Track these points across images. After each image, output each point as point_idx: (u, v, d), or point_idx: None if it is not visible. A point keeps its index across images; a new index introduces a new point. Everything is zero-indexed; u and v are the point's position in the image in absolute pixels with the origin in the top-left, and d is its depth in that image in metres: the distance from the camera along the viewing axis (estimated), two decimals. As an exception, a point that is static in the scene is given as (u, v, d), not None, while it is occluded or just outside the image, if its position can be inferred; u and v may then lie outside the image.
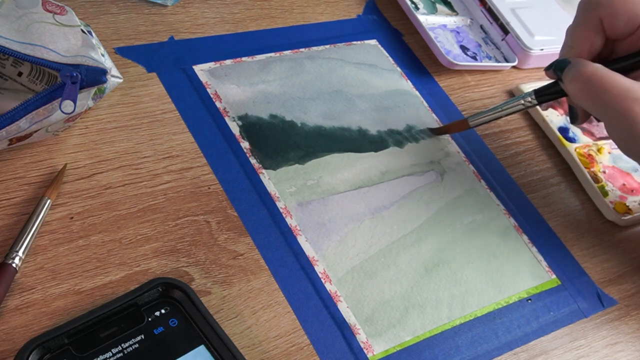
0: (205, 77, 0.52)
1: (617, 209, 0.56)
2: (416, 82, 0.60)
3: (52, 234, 0.41)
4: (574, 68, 0.46)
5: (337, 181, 0.50)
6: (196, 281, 0.42)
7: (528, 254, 0.52)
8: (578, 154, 0.59)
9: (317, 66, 0.57)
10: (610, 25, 0.48)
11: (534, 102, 0.51)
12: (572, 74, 0.46)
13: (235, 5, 0.59)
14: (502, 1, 0.67)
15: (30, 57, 0.40)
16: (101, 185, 0.44)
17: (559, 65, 0.48)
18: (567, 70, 0.47)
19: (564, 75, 0.47)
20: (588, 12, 0.48)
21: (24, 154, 0.44)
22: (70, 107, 0.40)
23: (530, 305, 0.49)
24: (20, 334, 0.37)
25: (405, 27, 0.65)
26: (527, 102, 0.52)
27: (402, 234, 0.49)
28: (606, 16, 0.47)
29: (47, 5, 0.42)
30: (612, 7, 0.47)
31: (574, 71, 0.46)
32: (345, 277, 0.45)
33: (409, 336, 0.44)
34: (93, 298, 0.40)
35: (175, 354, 0.38)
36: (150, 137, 0.48)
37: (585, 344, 0.48)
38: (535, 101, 0.51)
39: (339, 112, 0.55)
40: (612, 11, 0.47)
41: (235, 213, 0.46)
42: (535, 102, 0.51)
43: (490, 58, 0.65)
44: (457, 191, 0.53)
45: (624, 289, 0.53)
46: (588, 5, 0.48)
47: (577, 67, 0.46)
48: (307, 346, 0.42)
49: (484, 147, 0.58)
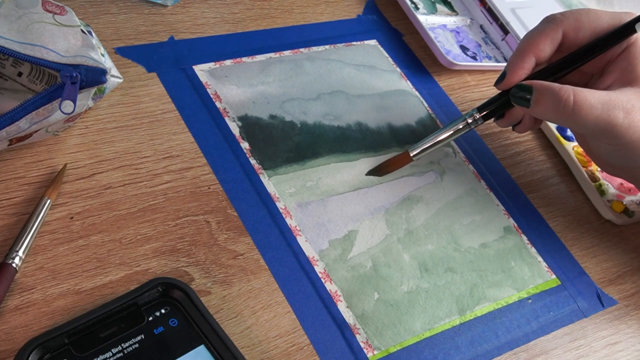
0: (205, 78, 0.53)
1: (614, 208, 0.56)
2: (416, 82, 0.60)
3: (52, 234, 0.41)
4: (545, 93, 0.46)
5: (337, 182, 0.50)
6: (196, 281, 0.42)
7: (528, 254, 0.52)
8: (576, 152, 0.59)
9: (316, 67, 0.57)
10: (574, 37, 0.49)
11: (478, 120, 0.50)
12: (546, 99, 0.46)
13: (235, 5, 0.59)
14: (502, 1, 0.67)
15: (30, 57, 0.40)
16: (101, 185, 0.44)
17: (521, 90, 0.48)
18: (536, 95, 0.47)
19: (533, 101, 0.47)
20: (552, 23, 0.49)
21: (24, 154, 0.44)
22: (70, 107, 0.40)
23: (530, 305, 0.49)
24: (20, 334, 0.37)
25: (405, 27, 0.65)
26: (472, 121, 0.49)
27: (401, 235, 0.49)
28: (571, 29, 0.49)
29: (47, 5, 0.42)
30: (578, 20, 0.49)
31: (548, 96, 0.46)
32: (345, 277, 0.45)
33: (409, 336, 0.44)
34: (93, 298, 0.40)
35: (175, 354, 0.38)
36: (150, 137, 0.48)
37: (585, 344, 0.49)
38: (480, 119, 0.49)
39: (338, 113, 0.55)
40: (577, 24, 0.49)
41: (235, 213, 0.46)
42: (481, 120, 0.50)
43: (490, 58, 0.65)
44: (457, 191, 0.53)
45: (624, 289, 0.53)
46: (553, 18, 0.49)
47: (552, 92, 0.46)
48: (307, 346, 0.42)
49: (483, 147, 0.58)
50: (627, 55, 0.49)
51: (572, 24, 0.49)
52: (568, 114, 0.46)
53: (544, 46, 0.49)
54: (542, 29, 0.49)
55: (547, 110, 0.46)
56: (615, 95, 0.46)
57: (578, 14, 0.49)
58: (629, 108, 0.45)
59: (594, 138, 0.50)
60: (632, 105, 0.46)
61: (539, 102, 0.47)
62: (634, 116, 0.45)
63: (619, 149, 0.48)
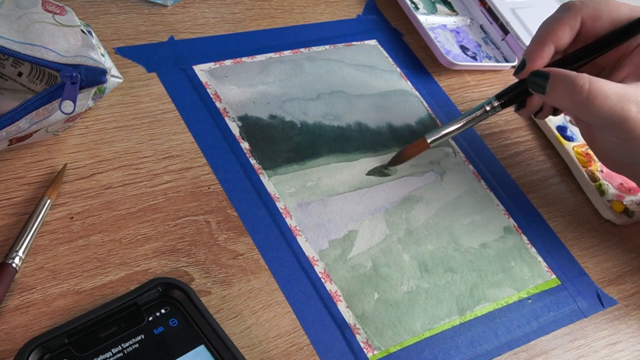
0: (205, 77, 0.53)
1: (614, 208, 0.56)
2: (416, 82, 0.60)
3: (52, 234, 0.41)
4: (561, 80, 0.46)
5: (337, 182, 0.50)
6: (196, 281, 0.42)
7: (528, 254, 0.52)
8: (576, 152, 0.59)
9: (316, 67, 0.57)
10: (592, 26, 0.49)
11: (497, 108, 0.50)
12: (561, 85, 0.46)
13: (235, 5, 0.59)
14: (502, 1, 0.67)
15: (30, 57, 0.40)
16: (101, 185, 0.44)
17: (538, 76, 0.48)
18: (552, 82, 0.47)
19: (549, 87, 0.47)
20: (570, 11, 0.49)
21: (24, 154, 0.44)
22: (70, 107, 0.40)
23: (530, 305, 0.49)
24: (20, 334, 0.37)
25: (405, 27, 0.65)
26: (490, 108, 0.50)
27: (401, 235, 0.49)
28: (589, 18, 0.49)
29: (47, 5, 0.42)
30: (597, 9, 0.48)
31: (564, 83, 0.46)
32: (345, 277, 0.45)
33: (409, 336, 0.44)
34: (93, 298, 0.40)
35: (175, 354, 0.38)
36: (150, 137, 0.48)
37: (585, 344, 0.49)
38: (498, 107, 0.50)
39: (338, 113, 0.55)
40: (596, 13, 0.48)
41: (235, 213, 0.46)
42: (499, 107, 0.50)
43: (490, 58, 0.65)
44: (457, 191, 0.53)
45: (624, 289, 0.53)
46: (572, 6, 0.49)
47: (568, 79, 0.46)
48: (307, 346, 0.42)
49: (483, 147, 0.58)
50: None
51: (591, 12, 0.48)
52: (582, 102, 0.45)
53: (563, 34, 0.48)
54: (560, 17, 0.49)
55: (562, 97, 0.46)
56: (630, 88, 0.45)
57: (597, 3, 0.49)
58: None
59: (603, 130, 0.49)
60: None
61: (554, 89, 0.46)
62: None
63: (626, 144, 0.47)
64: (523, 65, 0.49)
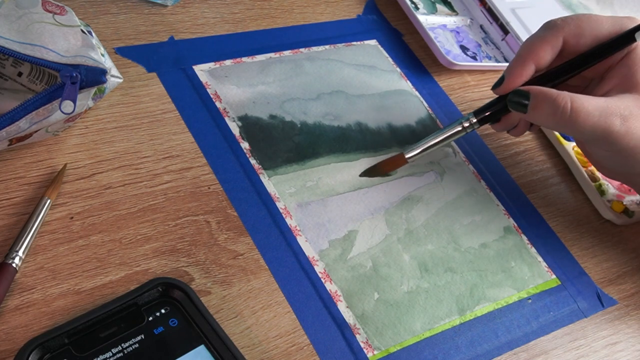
0: (205, 77, 0.53)
1: (614, 208, 0.56)
2: (416, 82, 0.60)
3: (52, 234, 0.41)
4: (543, 99, 0.46)
5: (337, 182, 0.50)
6: (196, 281, 0.42)
7: (528, 254, 0.52)
8: (576, 152, 0.59)
9: (316, 67, 0.57)
10: (575, 43, 0.49)
11: (474, 124, 0.49)
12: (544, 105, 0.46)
13: (235, 5, 0.59)
14: (502, 1, 0.67)
15: (30, 57, 0.40)
16: (101, 185, 0.44)
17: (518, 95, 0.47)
18: (534, 101, 0.47)
19: (531, 106, 0.47)
20: (552, 30, 0.49)
21: (24, 154, 0.44)
22: (70, 107, 0.40)
23: (530, 305, 0.49)
24: (20, 334, 0.37)
25: (405, 27, 0.65)
26: (468, 124, 0.49)
27: (401, 235, 0.49)
28: (572, 36, 0.49)
29: (47, 5, 0.42)
30: (579, 26, 0.49)
31: (545, 102, 0.46)
32: (345, 277, 0.45)
33: (409, 336, 0.44)
34: (93, 298, 0.40)
35: (175, 354, 0.38)
36: (150, 137, 0.48)
37: (585, 344, 0.49)
38: (476, 123, 0.49)
39: (338, 113, 0.55)
40: (578, 31, 0.48)
41: (235, 213, 0.46)
42: (477, 124, 0.49)
43: (490, 58, 0.65)
44: (457, 191, 0.53)
45: (624, 289, 0.53)
46: (554, 25, 0.49)
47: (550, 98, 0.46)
48: (307, 346, 0.42)
49: (483, 147, 0.58)
50: (627, 61, 0.48)
51: (573, 30, 0.48)
52: (565, 121, 0.45)
53: (544, 53, 0.48)
54: (542, 35, 0.49)
55: (545, 116, 0.46)
56: (613, 102, 0.46)
57: (579, 20, 0.49)
58: (626, 115, 0.45)
59: (591, 144, 0.50)
60: (630, 112, 0.45)
61: (536, 108, 0.47)
62: (632, 123, 0.45)
63: (616, 155, 0.48)
64: (501, 81, 0.49)
